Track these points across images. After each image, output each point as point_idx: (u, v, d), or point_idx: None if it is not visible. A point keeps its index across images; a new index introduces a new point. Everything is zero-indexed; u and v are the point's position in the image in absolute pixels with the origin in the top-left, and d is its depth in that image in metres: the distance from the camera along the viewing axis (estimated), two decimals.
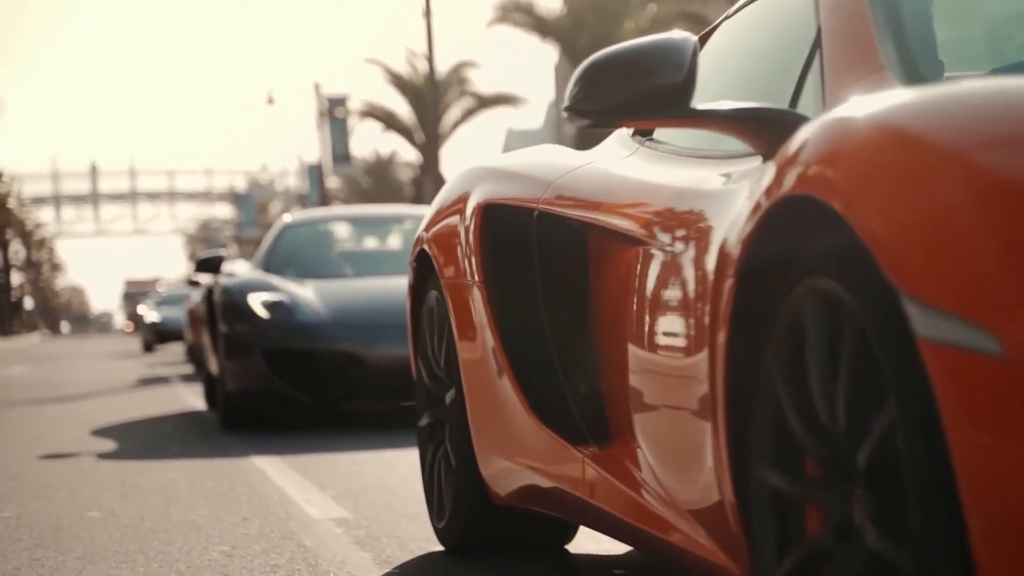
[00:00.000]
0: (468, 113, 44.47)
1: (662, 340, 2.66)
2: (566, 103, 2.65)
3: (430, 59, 30.05)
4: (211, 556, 4.14)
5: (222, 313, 8.81)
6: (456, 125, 44.22)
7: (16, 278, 74.30)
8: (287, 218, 10.69)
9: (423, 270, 4.00)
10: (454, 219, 3.70)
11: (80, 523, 4.98)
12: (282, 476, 6.13)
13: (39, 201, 78.74)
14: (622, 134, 3.44)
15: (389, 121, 45.23)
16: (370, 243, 10.77)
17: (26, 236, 74.73)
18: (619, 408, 2.92)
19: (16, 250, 73.98)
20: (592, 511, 3.05)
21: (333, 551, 4.16)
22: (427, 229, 3.93)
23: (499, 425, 3.42)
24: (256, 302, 8.62)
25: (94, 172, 78.08)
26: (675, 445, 2.59)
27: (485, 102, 44.44)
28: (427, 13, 29.39)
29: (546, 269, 3.24)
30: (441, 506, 3.91)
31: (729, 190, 2.52)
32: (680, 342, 2.53)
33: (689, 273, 2.52)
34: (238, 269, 9.73)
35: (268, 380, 8.38)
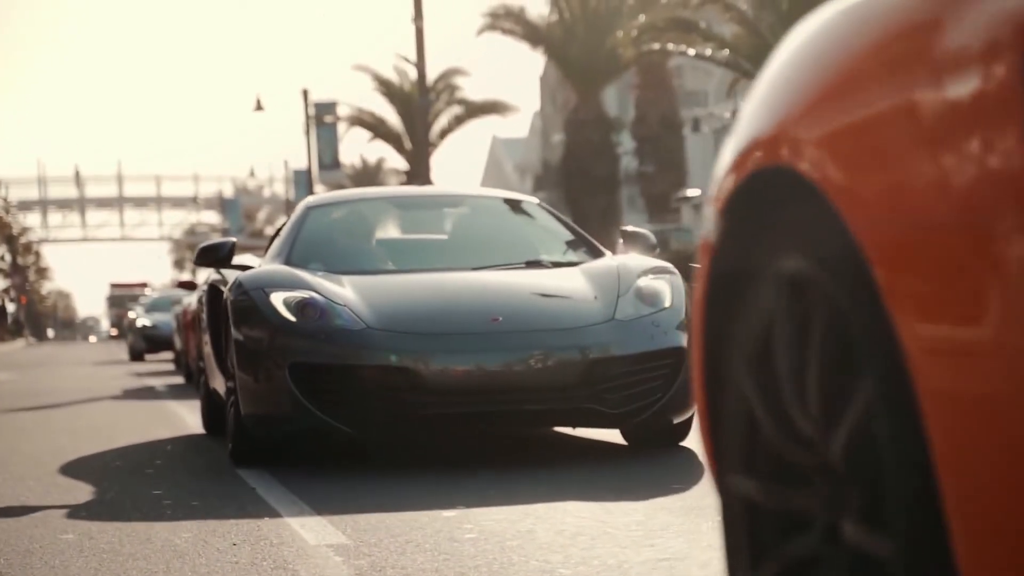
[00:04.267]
0: (457, 121, 44.13)
1: None
2: None
3: (420, 66, 29.67)
4: None
5: (236, 316, 6.81)
6: (445, 133, 43.88)
7: (0, 283, 73.82)
8: (311, 199, 8.52)
9: (751, 225, 1.86)
10: (908, 85, 1.46)
11: (53, 547, 4.58)
12: (271, 494, 5.72)
13: (25, 206, 78.33)
14: None
15: (378, 128, 44.89)
16: (414, 230, 8.62)
17: (12, 241, 74.29)
18: None
19: (1, 254, 73.51)
20: None
21: None
22: (798, 120, 1.69)
23: None
24: (279, 301, 6.63)
25: (78, 177, 77.63)
26: None
27: (474, 110, 44.11)
28: (417, 18, 29.00)
29: None
30: None
31: None
32: None
33: None
34: (251, 262, 7.87)
35: (295, 403, 6.40)
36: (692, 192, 46.97)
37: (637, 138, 42.81)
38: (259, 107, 49.19)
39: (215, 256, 7.68)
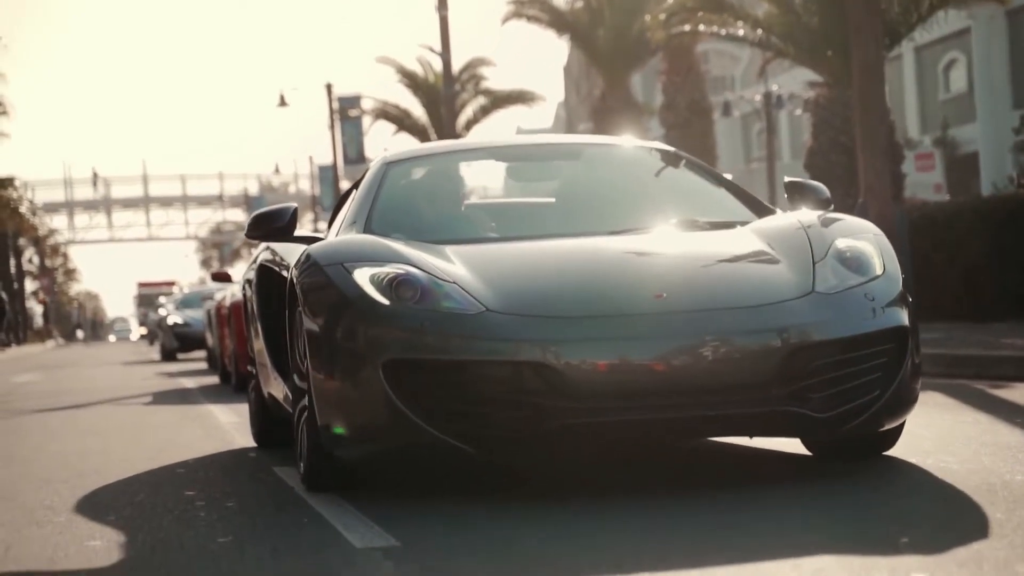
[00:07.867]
0: (483, 111, 43.82)
1: None
2: None
3: (445, 56, 29.35)
4: None
5: (308, 300, 5.20)
6: (471, 124, 43.58)
7: (30, 285, 73.95)
8: (390, 155, 6.66)
9: None
10: None
11: (79, 554, 4.24)
12: (311, 494, 5.35)
13: (52, 208, 78.48)
14: None
15: (403, 121, 44.61)
16: (522, 188, 6.93)
17: (39, 243, 74.39)
18: None
19: (29, 256, 73.62)
20: None
21: None
22: None
23: None
24: (366, 279, 5.01)
25: (95, 179, 77.57)
26: None
27: (500, 100, 43.77)
28: (441, 7, 28.66)
29: None
30: None
31: None
32: None
33: None
34: (319, 234, 6.27)
35: (391, 411, 4.80)
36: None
37: (666, 124, 42.40)
38: (283, 103, 48.99)
39: (273, 225, 6.02)
